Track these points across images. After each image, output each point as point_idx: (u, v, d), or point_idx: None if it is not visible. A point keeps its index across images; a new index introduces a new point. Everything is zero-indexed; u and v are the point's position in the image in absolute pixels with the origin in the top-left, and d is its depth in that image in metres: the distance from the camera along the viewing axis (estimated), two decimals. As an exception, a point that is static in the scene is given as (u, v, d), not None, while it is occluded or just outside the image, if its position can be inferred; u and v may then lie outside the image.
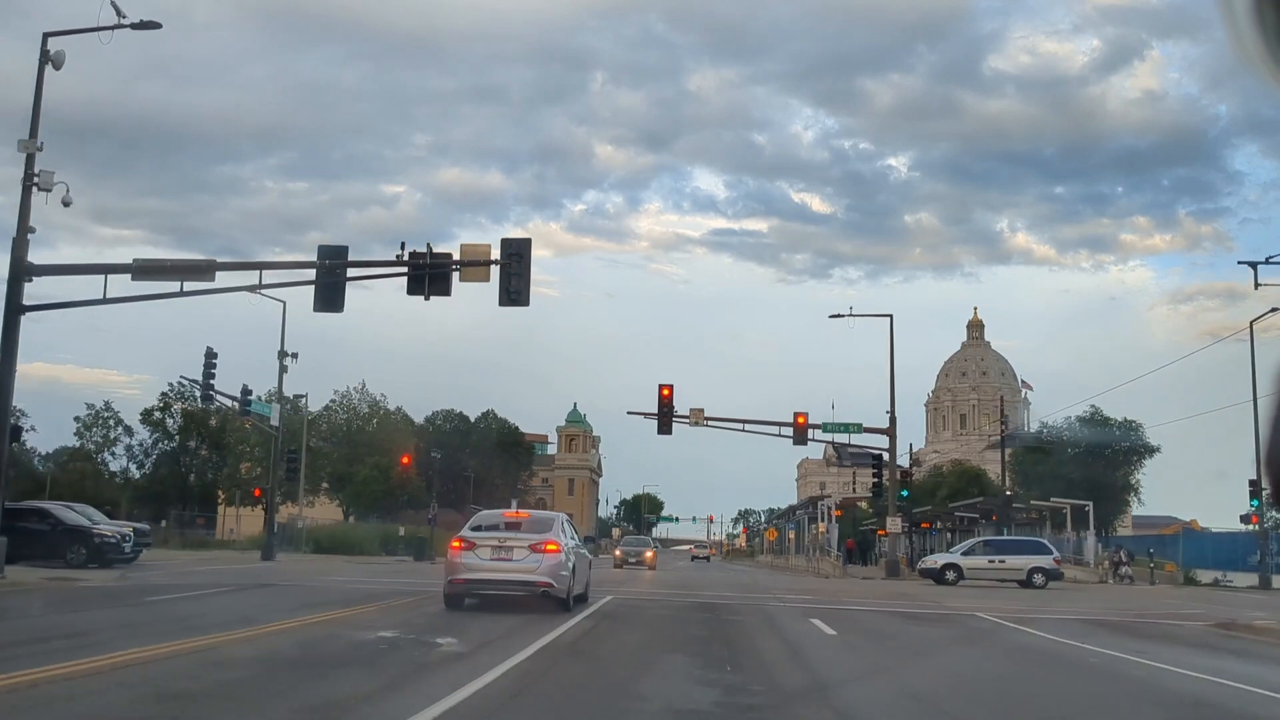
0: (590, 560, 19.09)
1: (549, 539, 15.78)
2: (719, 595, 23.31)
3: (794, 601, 21.87)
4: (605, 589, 23.67)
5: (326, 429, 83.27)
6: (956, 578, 36.02)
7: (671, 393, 44.86)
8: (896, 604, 22.84)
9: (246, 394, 42.46)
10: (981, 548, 39.37)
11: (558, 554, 15.69)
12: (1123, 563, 46.90)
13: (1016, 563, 35.97)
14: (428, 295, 21.80)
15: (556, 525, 16.49)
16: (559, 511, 17.95)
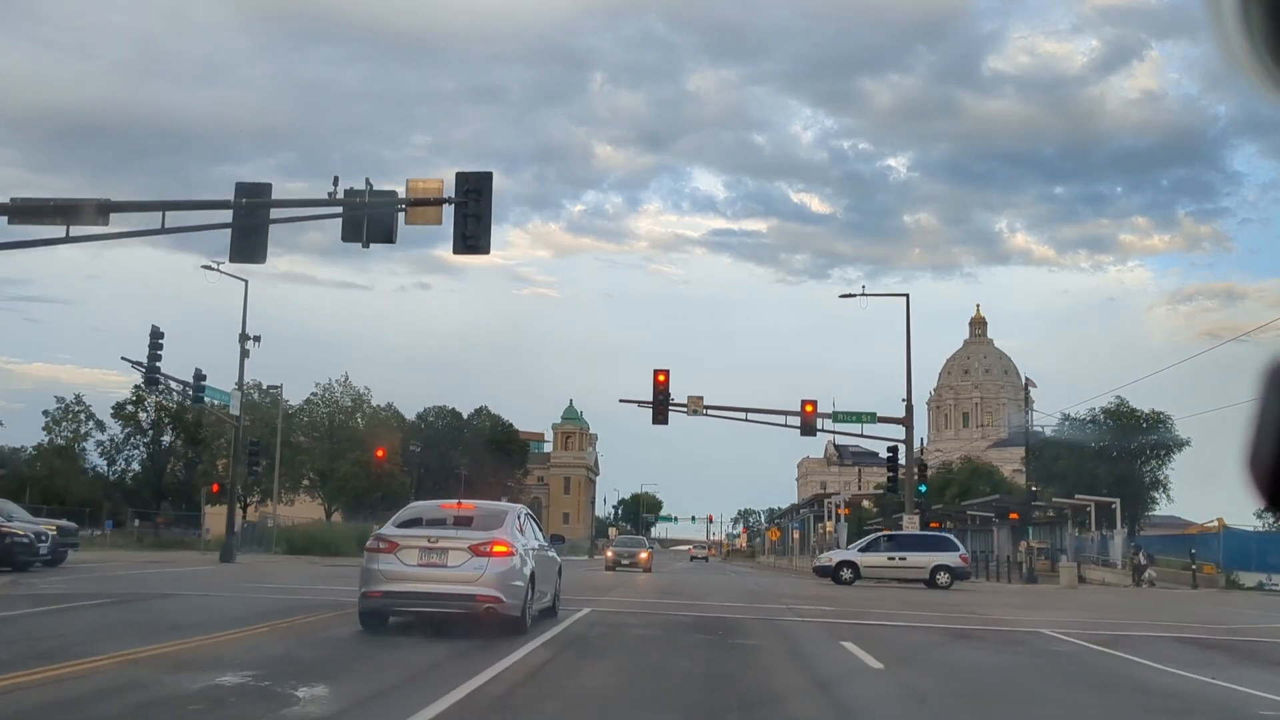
0: (559, 565, 15.14)
1: (497, 538, 11.85)
2: (723, 606, 19.37)
3: (813, 615, 17.92)
4: (586, 597, 19.81)
5: (307, 423, 79.35)
6: (852, 576, 33.71)
7: (667, 379, 40.99)
8: (932, 616, 18.92)
9: (200, 378, 38.49)
10: (883, 544, 37.02)
11: (508, 558, 11.77)
12: (1145, 565, 42.80)
13: (919, 560, 33.74)
14: (366, 241, 17.86)
15: (509, 521, 12.55)
16: (519, 505, 13.77)
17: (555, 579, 14.66)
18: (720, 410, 42.73)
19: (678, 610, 17.87)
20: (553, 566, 14.52)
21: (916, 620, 17.79)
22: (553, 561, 14.55)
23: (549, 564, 14.12)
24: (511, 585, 11.73)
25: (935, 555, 33.99)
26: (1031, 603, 26.01)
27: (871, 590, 30.90)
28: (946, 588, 32.39)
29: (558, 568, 14.95)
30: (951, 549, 35.21)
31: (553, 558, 14.68)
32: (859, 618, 17.58)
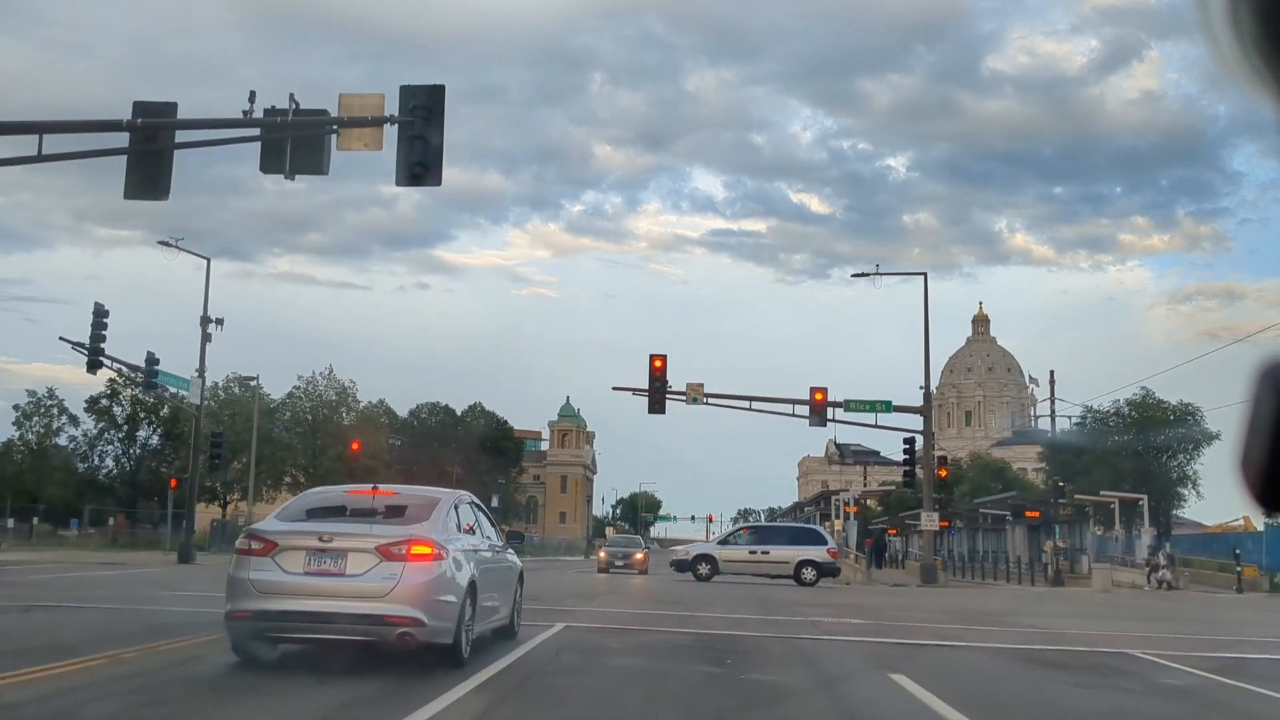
0: (519, 570, 11.71)
1: (417, 536, 8.49)
2: (729, 619, 15.97)
3: (839, 630, 14.54)
4: (565, 607, 16.51)
5: (290, 418, 75.99)
6: (710, 572, 31.40)
7: (664, 364, 37.59)
8: (983, 631, 15.55)
9: (153, 362, 35.07)
10: (745, 536, 34.51)
11: (432, 563, 8.41)
12: (1162, 565, 39.22)
13: (784, 554, 31.39)
14: (290, 172, 14.47)
15: (440, 512, 9.15)
16: (460, 492, 10.28)
17: (513, 589, 11.26)
18: (722, 399, 39.34)
19: (675, 625, 14.47)
20: (509, 573, 11.13)
21: (965, 636, 14.42)
22: (509, 568, 11.16)
23: (502, 571, 10.72)
24: (437, 601, 8.35)
25: (802, 550, 31.72)
26: (1077, 610, 22.63)
27: (891, 594, 27.49)
28: (812, 584, 30.27)
29: (517, 574, 11.54)
30: (819, 542, 32.98)
31: (510, 562, 11.28)
32: (897, 634, 14.20)
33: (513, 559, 11.47)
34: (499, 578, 10.45)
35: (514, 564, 11.44)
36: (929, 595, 28.19)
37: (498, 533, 11.08)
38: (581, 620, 14.46)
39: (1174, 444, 53.10)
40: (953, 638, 14.17)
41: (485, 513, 10.84)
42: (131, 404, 73.67)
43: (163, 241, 37.76)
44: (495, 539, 10.92)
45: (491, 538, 10.77)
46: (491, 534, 10.85)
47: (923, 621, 16.91)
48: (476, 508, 10.41)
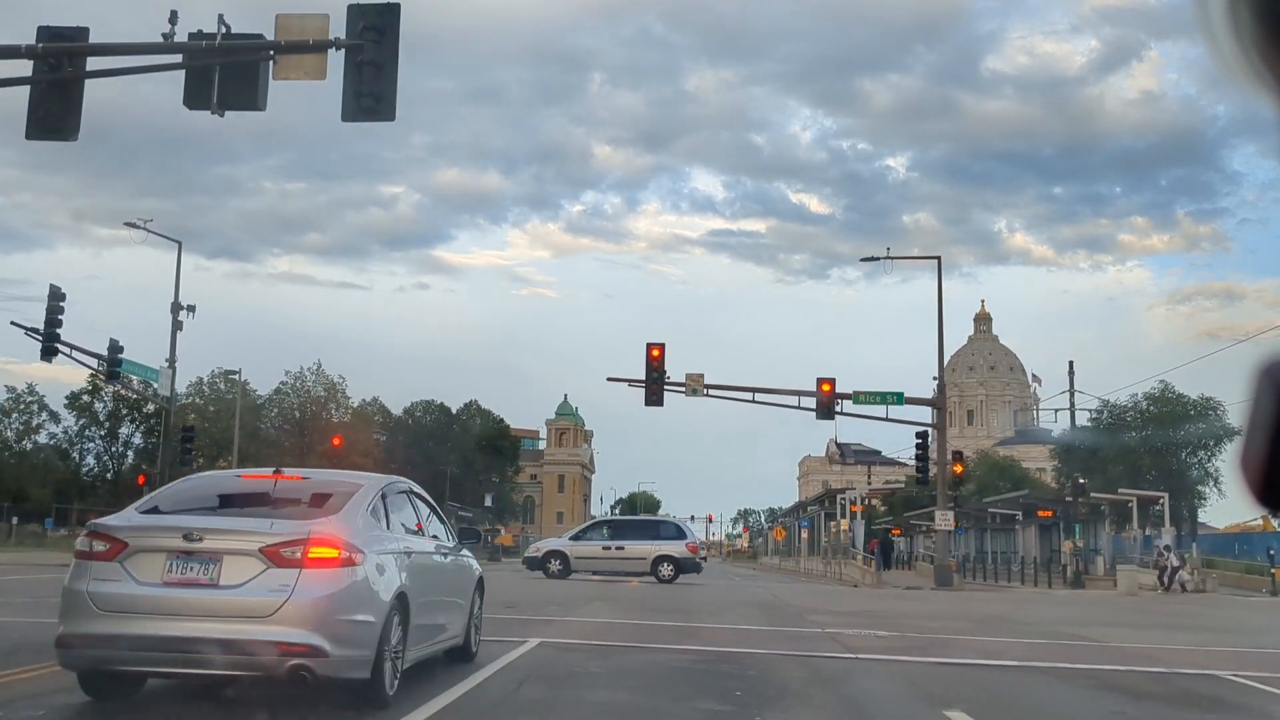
0: (477, 576, 9.44)
1: (319, 533, 6.28)
2: (734, 631, 13.77)
3: (866, 646, 12.34)
4: (545, 616, 14.35)
5: (277, 414, 73.87)
6: (562, 569, 30.28)
7: (662, 354, 35.39)
8: (1031, 646, 13.36)
9: (116, 350, 32.83)
10: (599, 531, 33.22)
11: (340, 570, 6.23)
12: (1176, 565, 36.84)
13: (640, 550, 30.05)
14: (219, 106, 12.28)
15: (356, 504, 6.90)
16: (392, 477, 7.93)
17: (469, 600, 9.03)
18: (724, 389, 37.14)
19: (670, 639, 12.25)
20: (462, 581, 8.91)
21: (1012, 653, 12.20)
22: (462, 574, 8.94)
23: (452, 578, 8.51)
24: (345, 621, 6.15)
25: (659, 545, 30.26)
26: (1117, 617, 20.42)
27: (908, 599, 25.27)
28: (669, 581, 28.86)
29: (475, 582, 9.31)
30: (678, 536, 31.53)
31: (464, 567, 9.06)
32: (933, 651, 11.99)
33: (469, 562, 9.26)
34: (447, 587, 8.25)
35: (470, 568, 9.22)
36: (949, 600, 25.99)
37: (449, 531, 8.87)
38: (560, 634, 12.24)
39: (1194, 440, 51.05)
40: (998, 655, 11.96)
41: (431, 505, 8.64)
42: (114, 400, 71.58)
43: (129, 223, 35.71)
44: (446, 538, 8.72)
45: (440, 536, 8.57)
46: (440, 531, 8.65)
47: (956, 633, 14.70)
48: (415, 498, 8.19)
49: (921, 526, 78.75)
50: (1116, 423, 53.48)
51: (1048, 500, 57.02)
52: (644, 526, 32.96)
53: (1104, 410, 53.19)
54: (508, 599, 18.13)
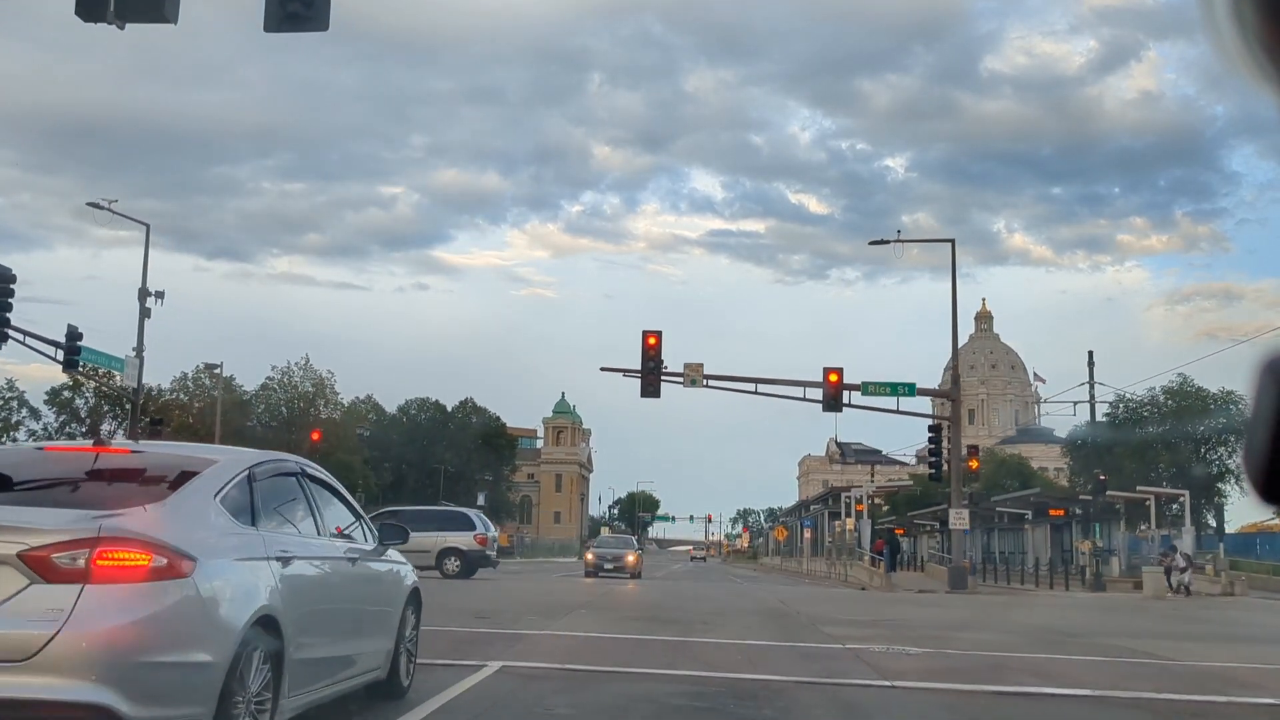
0: (405, 589, 7.17)
1: (118, 531, 4.10)
2: (739, 648, 11.62)
3: (894, 667, 10.23)
4: (517, 630, 12.29)
5: (264, 410, 71.69)
6: None
7: (659, 342, 33.31)
8: (1088, 664, 11.26)
9: (75, 337, 30.64)
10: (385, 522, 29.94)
11: (148, 586, 4.05)
12: (1181, 566, 34.60)
13: (425, 541, 27.73)
14: (118, 17, 10.13)
15: (195, 490, 4.73)
16: (277, 455, 5.67)
17: (395, 619, 6.85)
18: (725, 380, 35.01)
19: (663, 659, 10.10)
20: (383, 592, 6.73)
21: (1071, 674, 10.10)
22: (382, 582, 6.74)
23: (366, 589, 6.33)
24: (157, 666, 4.01)
25: (444, 535, 28.13)
26: (1162, 627, 18.31)
27: (926, 605, 23.09)
28: (457, 576, 27.24)
29: (404, 595, 7.09)
30: (466, 527, 29.20)
31: (386, 574, 6.85)
32: (981, 675, 9.85)
33: (396, 570, 7.08)
34: (357, 604, 6.09)
35: (396, 578, 7.03)
36: (971, 606, 23.84)
37: (367, 529, 6.69)
38: (530, 654, 10.09)
39: (1214, 435, 48.86)
40: (1061, 679, 9.82)
41: (339, 494, 6.47)
42: (95, 396, 69.45)
43: (91, 203, 33.59)
44: (364, 539, 6.56)
45: (355, 536, 6.42)
46: (366, 529, 6.52)
47: (999, 649, 12.53)
48: (310, 483, 6.00)
49: (926, 526, 76.71)
50: (1132, 418, 51.33)
51: (1059, 499, 54.95)
52: (430, 516, 30.56)
53: (1119, 405, 50.98)
54: (481, 607, 16.00)
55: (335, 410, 73.55)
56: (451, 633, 11.68)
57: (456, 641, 10.77)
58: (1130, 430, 51.03)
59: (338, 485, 6.47)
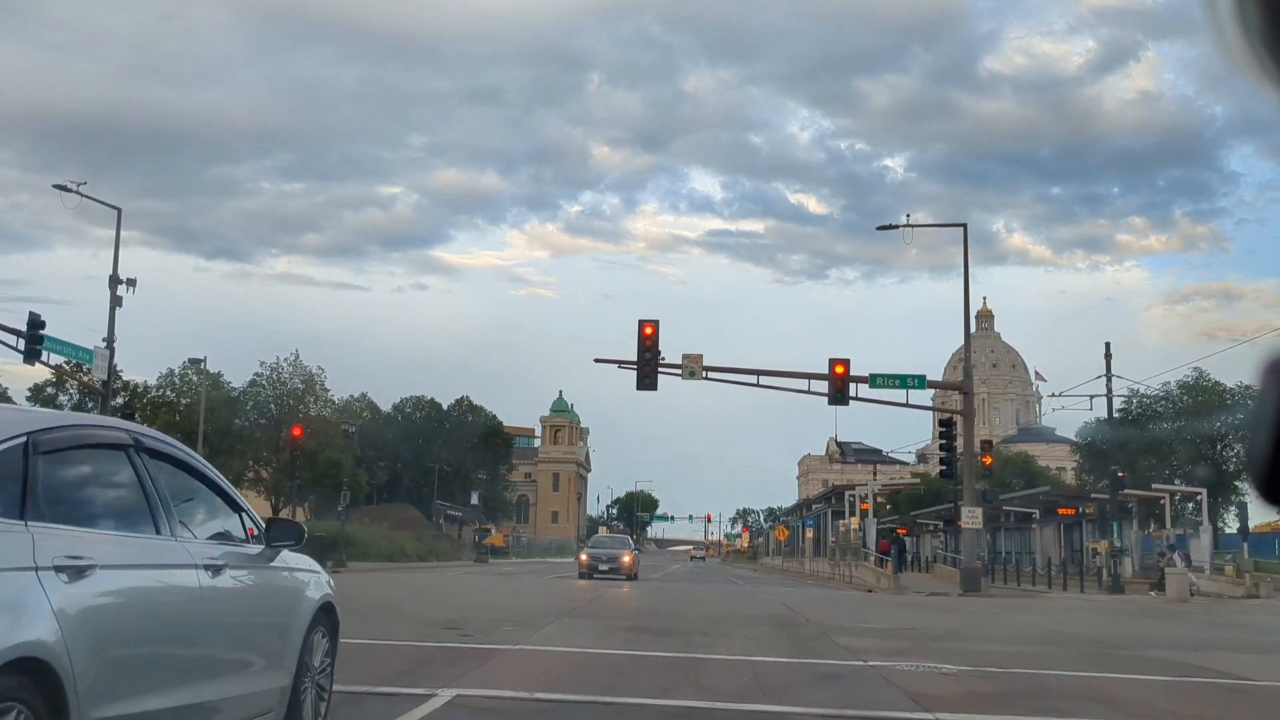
0: (309, 604, 5.46)
1: None
2: (745, 665, 9.92)
3: (930, 687, 8.60)
4: (491, 645, 10.68)
5: (252, 408, 69.91)
6: None
7: (656, 332, 31.62)
8: (1153, 684, 9.61)
9: (36, 325, 28.91)
10: None
11: None
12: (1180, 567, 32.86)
13: None
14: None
15: None
16: (127, 424, 3.92)
17: (291, 647, 5.12)
18: (725, 373, 33.32)
19: (656, 685, 8.41)
20: (269, 610, 5.00)
21: (1150, 701, 8.44)
22: (269, 598, 5.02)
23: (237, 607, 4.61)
24: None
25: None
26: (1215, 636, 16.64)
27: (943, 610, 21.38)
28: None
29: (306, 613, 5.33)
30: None
31: (275, 587, 5.11)
32: (1042, 703, 8.18)
33: (295, 580, 5.36)
34: (220, 630, 4.39)
35: (292, 590, 5.30)
36: (992, 610, 22.13)
37: (247, 522, 4.98)
38: (496, 677, 8.40)
39: (1232, 431, 47.15)
40: (1126, 704, 8.15)
41: (201, 476, 4.74)
42: (80, 392, 67.71)
43: (59, 185, 31.81)
44: (243, 538, 4.86)
45: (230, 534, 4.74)
46: (225, 525, 4.81)
47: (1045, 665, 10.83)
48: (147, 460, 4.26)
49: (929, 526, 75.09)
50: (1146, 413, 49.64)
51: (1070, 497, 53.31)
52: None
53: (1133, 401, 49.27)
54: (454, 616, 14.33)
55: (326, 408, 71.84)
56: (408, 649, 10.03)
57: (410, 661, 9.11)
58: (1144, 427, 49.32)
59: (202, 465, 4.76)
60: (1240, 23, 1.09)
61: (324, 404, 71.29)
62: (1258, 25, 1.08)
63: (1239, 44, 1.09)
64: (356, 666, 8.34)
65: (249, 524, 4.99)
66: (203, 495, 4.68)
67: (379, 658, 9.23)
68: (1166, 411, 48.66)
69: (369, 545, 50.48)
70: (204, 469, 4.76)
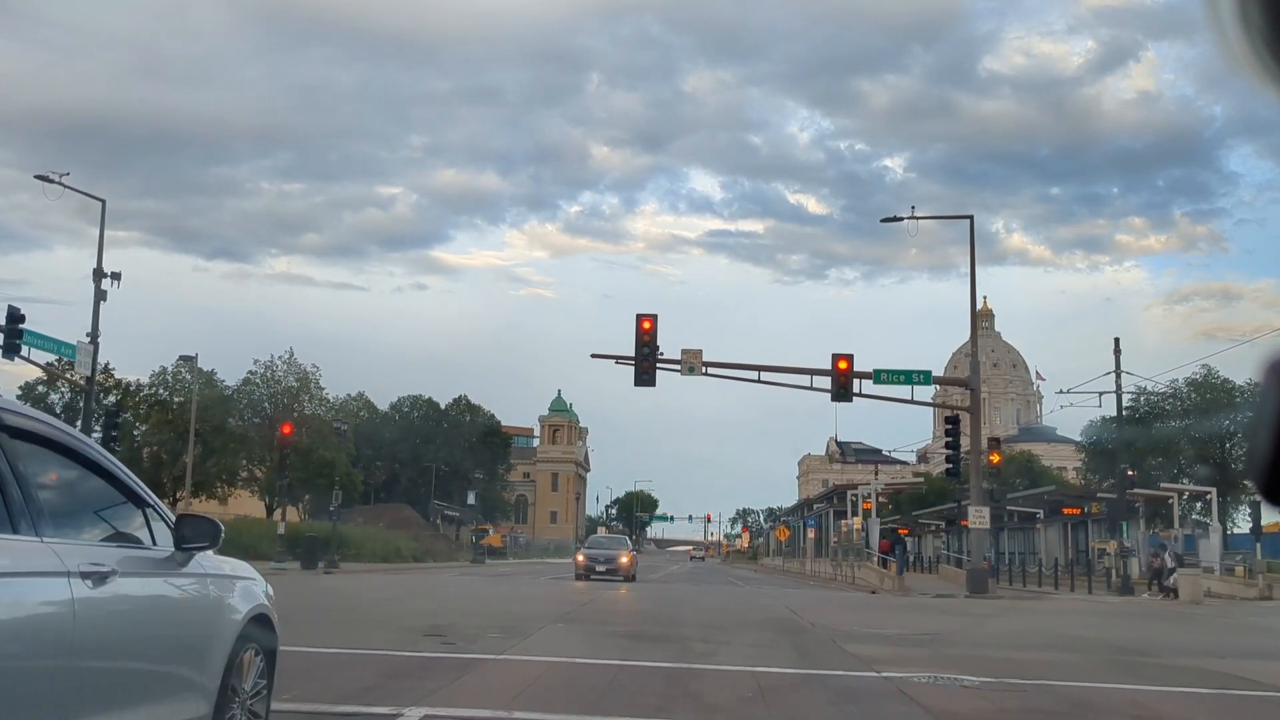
0: (237, 617, 4.63)
1: None
2: (748, 678, 9.06)
3: (951, 704, 7.83)
4: (473, 655, 9.96)
5: (246, 405, 69.00)
6: None
7: (654, 326, 30.78)
8: (1195, 696, 8.80)
9: (15, 319, 28.05)
10: None
11: None
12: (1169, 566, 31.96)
13: None
14: None
15: None
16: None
17: (211, 669, 4.27)
18: (726, 369, 32.48)
19: (649, 703, 7.56)
20: (188, 624, 4.15)
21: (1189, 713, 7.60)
22: (181, 609, 4.17)
23: (137, 621, 3.76)
24: None
25: None
26: (1244, 641, 15.85)
27: (952, 612, 20.51)
28: None
29: (234, 628, 4.46)
30: None
31: (185, 596, 4.24)
32: None
33: (218, 588, 4.49)
34: (104, 654, 3.52)
35: (213, 601, 4.43)
36: (1000, 612, 21.28)
37: (155, 523, 4.12)
38: (472, 694, 7.55)
39: (1242, 429, 46.27)
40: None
41: (90, 463, 3.87)
42: (72, 391, 66.82)
43: (40, 176, 30.97)
44: (136, 540, 4.00)
45: (128, 533, 3.89)
46: (121, 520, 3.96)
47: (1063, 674, 9.99)
48: (8, 441, 3.42)
49: (931, 526, 74.28)
50: (1154, 411, 48.80)
51: (1076, 496, 52.48)
52: None
53: (1140, 399, 48.40)
54: (437, 621, 13.47)
55: (321, 406, 70.95)
56: (379, 660, 9.18)
57: (380, 673, 8.26)
58: (1150, 425, 48.49)
59: (92, 450, 3.91)
60: (1242, 21, 1.08)
61: (319, 403, 70.43)
62: (1259, 24, 1.07)
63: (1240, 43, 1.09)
64: (316, 681, 7.51)
65: (156, 523, 4.14)
66: (90, 486, 3.83)
67: (345, 670, 8.39)
68: (1174, 409, 47.79)
69: (362, 546, 49.56)
70: (94, 454, 3.90)
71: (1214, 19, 1.11)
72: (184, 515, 4.28)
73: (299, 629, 11.85)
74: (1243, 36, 1.09)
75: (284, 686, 6.75)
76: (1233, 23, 1.09)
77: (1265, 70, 1.09)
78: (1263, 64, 1.09)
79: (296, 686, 7.11)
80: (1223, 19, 1.10)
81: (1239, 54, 1.10)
